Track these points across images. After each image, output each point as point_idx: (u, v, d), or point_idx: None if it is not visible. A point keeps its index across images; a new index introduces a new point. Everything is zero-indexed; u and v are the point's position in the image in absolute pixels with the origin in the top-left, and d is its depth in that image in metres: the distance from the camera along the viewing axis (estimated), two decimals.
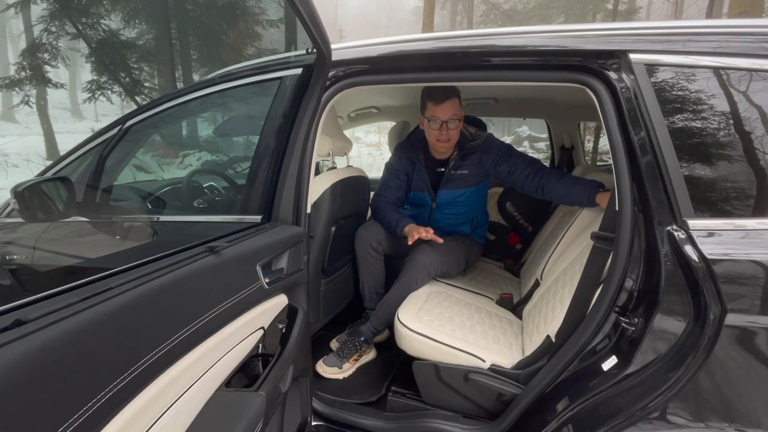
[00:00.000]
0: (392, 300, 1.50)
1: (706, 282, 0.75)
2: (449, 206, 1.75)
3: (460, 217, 1.78)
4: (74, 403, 0.43)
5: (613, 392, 0.84)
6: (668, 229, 0.84)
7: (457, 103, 1.58)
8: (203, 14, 7.02)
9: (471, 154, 1.69)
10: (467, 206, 1.76)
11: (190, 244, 0.78)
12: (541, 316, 1.27)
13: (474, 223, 1.83)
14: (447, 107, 1.56)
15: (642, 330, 0.83)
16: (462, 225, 1.81)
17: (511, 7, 14.05)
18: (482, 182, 1.75)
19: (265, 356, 0.92)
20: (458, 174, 1.70)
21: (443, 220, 1.78)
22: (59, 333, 0.44)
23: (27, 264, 1.04)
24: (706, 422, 0.75)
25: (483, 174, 1.71)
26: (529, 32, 1.06)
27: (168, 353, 0.58)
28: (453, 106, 1.57)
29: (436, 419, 1.18)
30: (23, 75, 5.94)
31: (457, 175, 1.70)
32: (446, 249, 1.61)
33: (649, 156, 0.88)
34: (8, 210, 1.34)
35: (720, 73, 0.86)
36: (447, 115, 1.57)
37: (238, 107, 1.61)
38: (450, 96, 1.56)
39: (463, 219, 1.79)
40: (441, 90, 1.56)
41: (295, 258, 1.05)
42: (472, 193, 1.73)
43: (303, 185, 1.14)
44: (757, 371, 0.75)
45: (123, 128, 1.32)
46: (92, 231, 1.27)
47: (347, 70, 1.18)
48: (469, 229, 1.82)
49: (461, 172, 1.70)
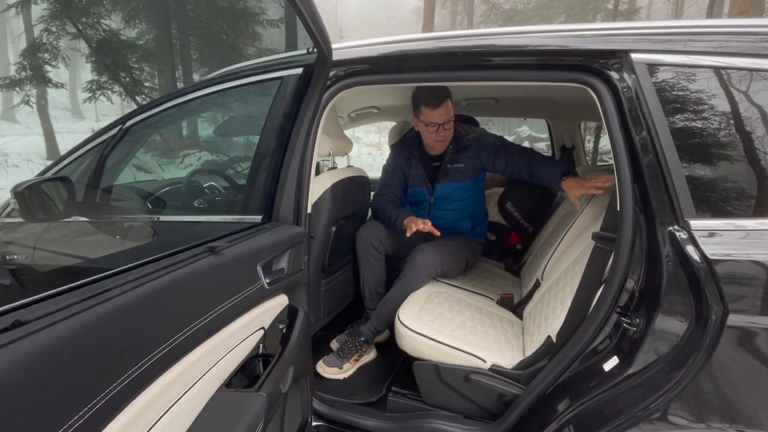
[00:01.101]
0: (392, 300, 1.50)
1: (708, 282, 0.75)
2: (447, 201, 1.77)
3: (459, 212, 1.79)
4: (74, 405, 0.43)
5: (615, 393, 0.84)
6: (670, 230, 0.84)
7: (450, 105, 1.62)
8: (203, 14, 7.02)
9: (466, 147, 1.72)
10: (465, 200, 1.78)
11: (190, 245, 0.78)
12: (542, 317, 1.27)
13: (473, 219, 1.84)
14: (442, 111, 1.60)
15: (643, 330, 0.83)
16: (462, 221, 1.81)
17: (511, 7, 14.03)
18: (478, 176, 1.77)
19: (265, 356, 0.92)
20: (455, 168, 1.73)
21: (443, 216, 1.79)
22: (59, 334, 0.44)
23: (27, 264, 1.04)
24: (708, 423, 0.75)
25: (479, 167, 1.73)
26: (530, 32, 1.06)
27: (168, 354, 0.58)
28: (447, 108, 1.61)
29: (437, 420, 1.17)
30: (24, 75, 5.94)
31: (454, 168, 1.73)
32: (446, 249, 1.61)
33: (651, 156, 0.88)
34: (8, 210, 1.34)
35: (721, 72, 0.86)
36: (443, 118, 1.61)
37: (239, 107, 1.61)
38: (443, 99, 1.59)
39: (462, 214, 1.80)
40: (434, 95, 1.59)
41: (296, 258, 1.05)
42: (470, 186, 1.76)
43: (303, 185, 1.14)
44: (759, 372, 0.74)
45: (123, 128, 1.32)
46: (92, 231, 1.27)
47: (348, 69, 1.18)
48: (469, 224, 1.83)
49: (457, 166, 1.73)
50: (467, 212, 1.81)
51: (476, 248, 1.87)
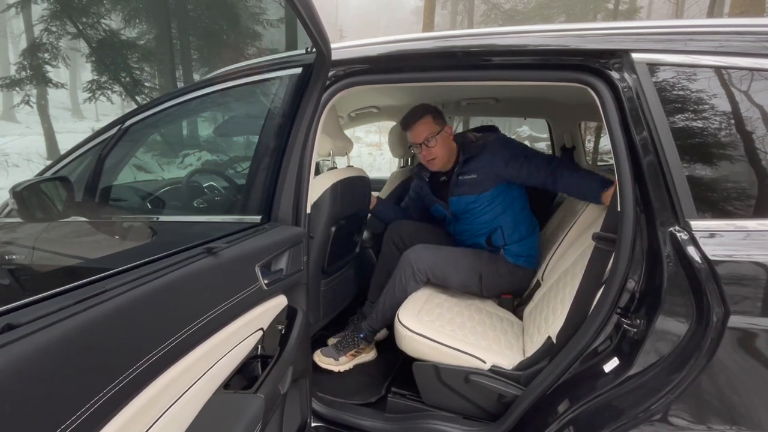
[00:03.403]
0: (384, 297, 1.53)
1: (709, 283, 0.75)
2: (466, 215, 1.65)
3: (479, 227, 1.64)
4: (67, 409, 0.43)
5: (615, 394, 0.83)
6: (670, 230, 0.83)
7: (429, 122, 1.59)
8: (204, 14, 7.02)
9: (475, 157, 1.60)
10: (486, 214, 1.61)
11: (187, 245, 0.78)
12: (542, 317, 1.27)
13: (501, 235, 1.60)
14: (417, 130, 1.60)
15: (644, 331, 0.83)
16: (478, 237, 1.65)
17: (511, 6, 14.01)
18: (497, 185, 1.58)
19: (264, 357, 0.91)
20: (467, 179, 1.60)
21: (464, 230, 1.69)
22: (52, 337, 0.43)
23: (23, 265, 1.04)
24: (709, 425, 0.74)
25: (496, 177, 1.57)
26: (530, 32, 1.06)
27: (165, 356, 0.57)
28: (424, 126, 1.59)
29: (437, 420, 1.17)
30: (24, 75, 5.94)
31: (466, 180, 1.60)
32: (444, 252, 1.55)
33: (652, 156, 0.87)
34: (7, 210, 1.33)
35: (721, 72, 0.86)
36: (421, 137, 1.60)
37: (238, 107, 1.61)
38: (418, 118, 1.59)
39: (483, 229, 1.63)
40: (409, 115, 1.61)
41: (295, 258, 1.05)
42: (490, 198, 1.59)
43: (303, 185, 1.13)
44: (760, 374, 0.74)
45: (122, 128, 1.32)
46: (91, 231, 1.27)
47: (347, 69, 1.18)
48: (484, 240, 1.64)
49: (470, 177, 1.59)
50: (490, 226, 1.61)
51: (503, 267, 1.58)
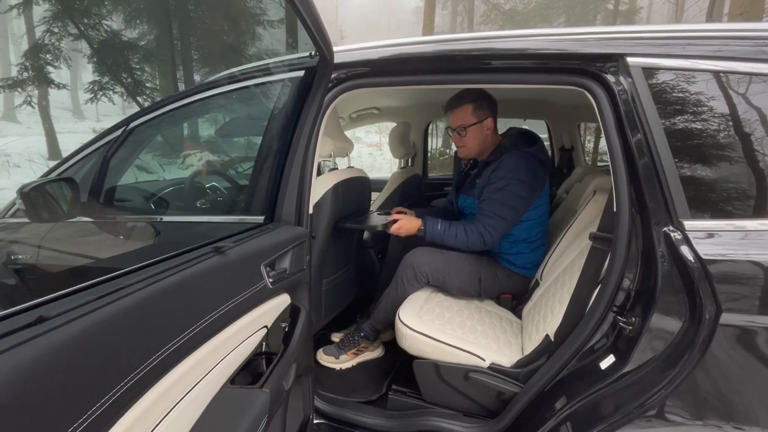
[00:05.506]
0: (385, 298, 1.55)
1: (701, 282, 0.77)
2: (465, 215, 1.68)
3: None
4: (91, 398, 0.45)
5: (611, 390, 0.85)
6: (665, 230, 0.85)
7: (467, 111, 1.54)
8: (205, 15, 7.03)
9: (490, 163, 1.56)
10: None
11: (197, 245, 0.80)
12: (541, 316, 1.28)
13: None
14: (453, 116, 1.59)
15: (639, 329, 0.85)
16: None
17: (511, 7, 14.01)
18: None
19: (268, 354, 0.93)
20: (477, 181, 1.60)
21: None
22: (78, 330, 0.46)
23: (34, 264, 1.06)
24: (703, 419, 0.76)
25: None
26: (529, 35, 1.08)
27: (177, 350, 0.59)
28: (461, 114, 1.56)
29: (437, 417, 1.19)
30: (25, 75, 5.95)
31: (476, 182, 1.61)
32: (444, 256, 1.54)
33: (646, 158, 0.89)
34: (13, 210, 1.35)
35: (718, 76, 0.88)
36: (455, 124, 1.59)
37: (242, 109, 1.63)
38: (457, 105, 1.56)
39: None
40: (453, 98, 1.58)
41: (298, 258, 1.07)
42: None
43: (305, 186, 1.15)
44: (752, 369, 0.76)
45: (127, 129, 1.34)
46: (98, 231, 1.29)
47: (349, 72, 1.20)
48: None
49: (479, 180, 1.59)
50: None
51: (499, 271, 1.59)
